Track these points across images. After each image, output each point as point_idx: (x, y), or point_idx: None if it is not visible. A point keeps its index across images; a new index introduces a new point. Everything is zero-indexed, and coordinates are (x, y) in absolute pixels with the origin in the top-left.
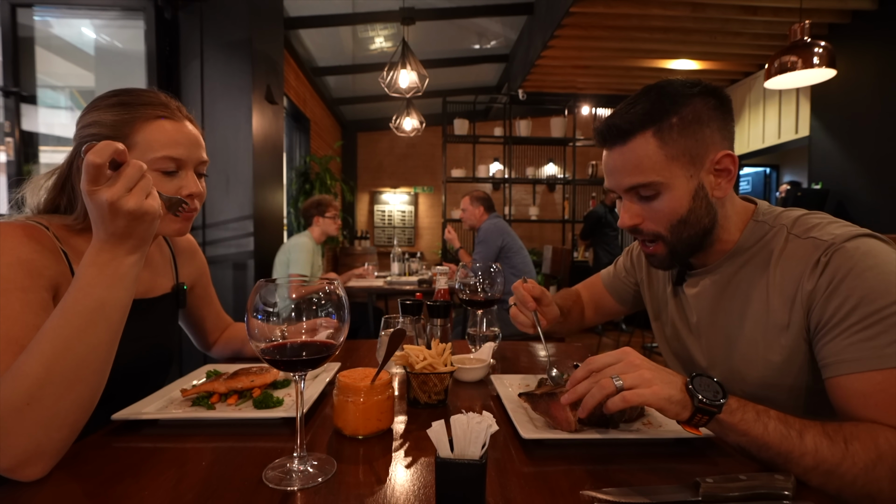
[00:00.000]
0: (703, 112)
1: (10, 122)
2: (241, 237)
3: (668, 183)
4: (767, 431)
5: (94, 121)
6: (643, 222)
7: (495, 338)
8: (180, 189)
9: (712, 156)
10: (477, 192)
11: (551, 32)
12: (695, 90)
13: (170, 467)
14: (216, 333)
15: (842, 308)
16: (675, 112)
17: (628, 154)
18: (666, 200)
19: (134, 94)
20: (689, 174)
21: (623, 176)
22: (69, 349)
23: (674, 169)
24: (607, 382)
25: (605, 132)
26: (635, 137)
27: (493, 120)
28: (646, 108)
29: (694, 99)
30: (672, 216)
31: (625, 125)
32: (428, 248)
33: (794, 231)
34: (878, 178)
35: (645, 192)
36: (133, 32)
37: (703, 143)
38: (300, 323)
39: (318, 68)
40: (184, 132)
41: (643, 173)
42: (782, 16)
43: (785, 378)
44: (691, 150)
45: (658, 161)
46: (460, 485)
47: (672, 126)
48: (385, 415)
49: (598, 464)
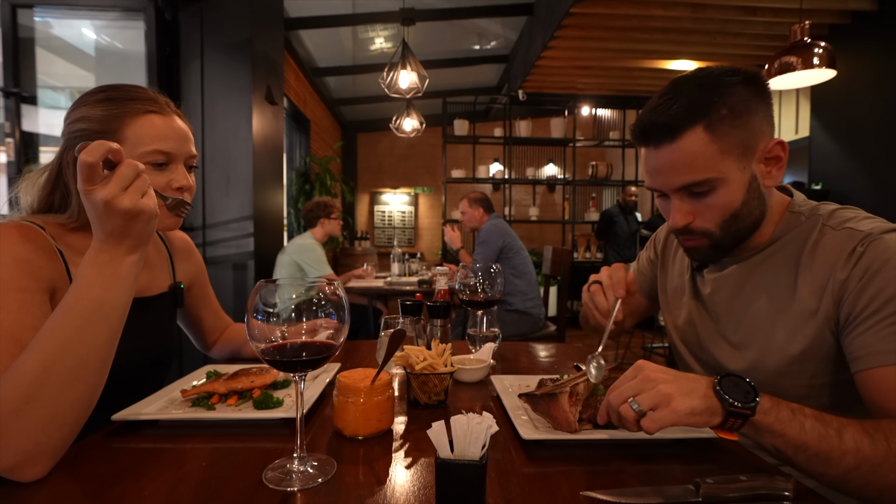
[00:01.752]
0: (749, 99)
1: (11, 123)
2: (242, 238)
3: (724, 178)
4: (805, 430)
5: (83, 116)
6: (694, 220)
7: (495, 338)
8: (171, 182)
9: (763, 144)
10: (475, 194)
11: (551, 33)
12: (737, 78)
13: (170, 468)
14: (216, 334)
15: (876, 299)
16: (722, 102)
17: (678, 152)
18: (720, 195)
19: (122, 89)
20: (742, 166)
21: (673, 175)
22: (68, 349)
23: (728, 162)
24: (626, 411)
25: (650, 131)
26: (684, 134)
27: (493, 120)
28: (691, 102)
29: (738, 87)
30: (725, 211)
31: (672, 122)
32: (428, 249)
33: (829, 223)
34: (878, 178)
35: (698, 188)
36: (133, 33)
37: (753, 132)
38: (300, 323)
39: (319, 69)
40: (173, 126)
41: (697, 171)
42: (782, 16)
43: (803, 370)
44: (743, 141)
45: (711, 156)
46: (460, 485)
47: (723, 118)
48: (385, 415)
49: (598, 464)
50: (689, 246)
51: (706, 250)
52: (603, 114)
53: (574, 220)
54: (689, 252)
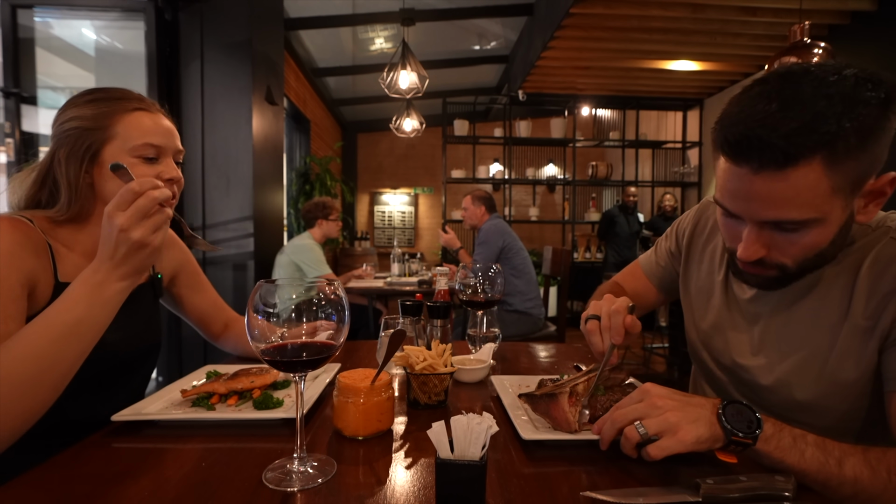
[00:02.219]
0: (879, 124)
1: (11, 123)
2: (242, 238)
3: (825, 218)
4: (804, 459)
5: (75, 115)
6: (769, 253)
7: (495, 339)
8: (160, 174)
9: (874, 179)
10: (479, 192)
11: (551, 33)
12: (881, 94)
13: (170, 468)
14: (218, 323)
15: None
16: (854, 129)
17: (783, 185)
18: (812, 235)
19: (109, 90)
20: (846, 204)
21: (767, 208)
22: (37, 358)
23: (834, 202)
24: (632, 433)
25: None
26: (798, 165)
27: (493, 121)
28: (815, 120)
29: (875, 108)
30: (811, 250)
31: (789, 146)
32: (428, 249)
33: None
34: None
35: (789, 226)
36: (133, 33)
37: (871, 164)
38: (300, 324)
39: (319, 69)
40: (160, 123)
41: (798, 209)
42: (782, 17)
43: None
44: (860, 177)
45: (821, 195)
46: (460, 486)
47: (850, 149)
48: (385, 416)
49: (598, 465)
50: (752, 273)
51: (771, 281)
52: (603, 114)
53: (574, 220)
54: (746, 277)
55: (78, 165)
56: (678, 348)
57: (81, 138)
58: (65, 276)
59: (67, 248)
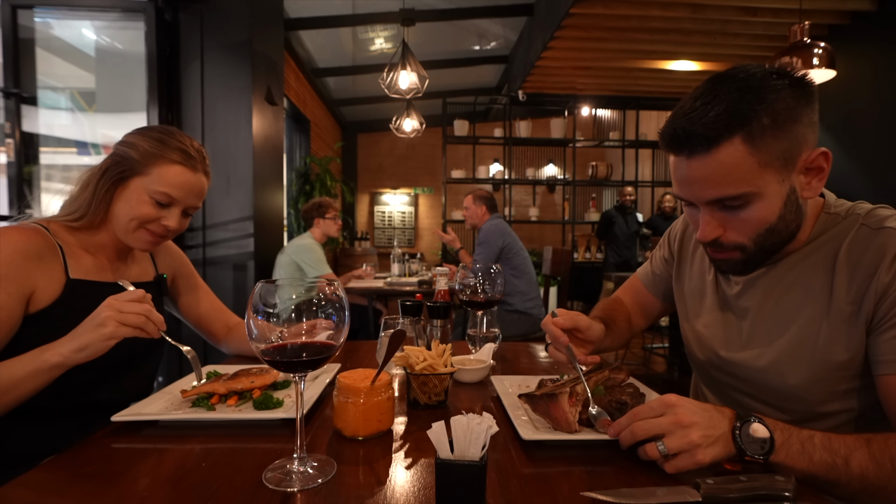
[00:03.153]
0: (793, 106)
1: (11, 124)
2: (242, 238)
3: (760, 191)
4: (813, 463)
5: (133, 142)
6: (725, 233)
7: (495, 339)
8: (161, 218)
9: (805, 154)
10: (480, 192)
11: (551, 33)
12: (785, 81)
13: (170, 468)
14: (219, 324)
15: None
16: (765, 111)
17: (713, 164)
18: (756, 210)
19: (174, 136)
20: (781, 178)
21: (706, 188)
22: None
23: (766, 176)
24: (653, 451)
25: (683, 139)
26: (721, 145)
27: (493, 121)
28: (729, 108)
29: (784, 91)
30: (760, 225)
31: (708, 131)
32: (428, 249)
33: (867, 222)
34: (877, 179)
35: (732, 202)
36: (133, 34)
37: (796, 141)
38: (300, 324)
39: (319, 69)
40: (191, 182)
41: (732, 185)
42: (782, 17)
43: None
44: (785, 153)
45: (749, 170)
46: (460, 486)
47: (764, 128)
48: (385, 416)
49: (598, 465)
50: (719, 258)
51: (737, 264)
52: (603, 114)
53: (574, 220)
54: (718, 264)
55: (108, 180)
56: (678, 348)
57: (123, 163)
58: (75, 272)
59: (78, 249)
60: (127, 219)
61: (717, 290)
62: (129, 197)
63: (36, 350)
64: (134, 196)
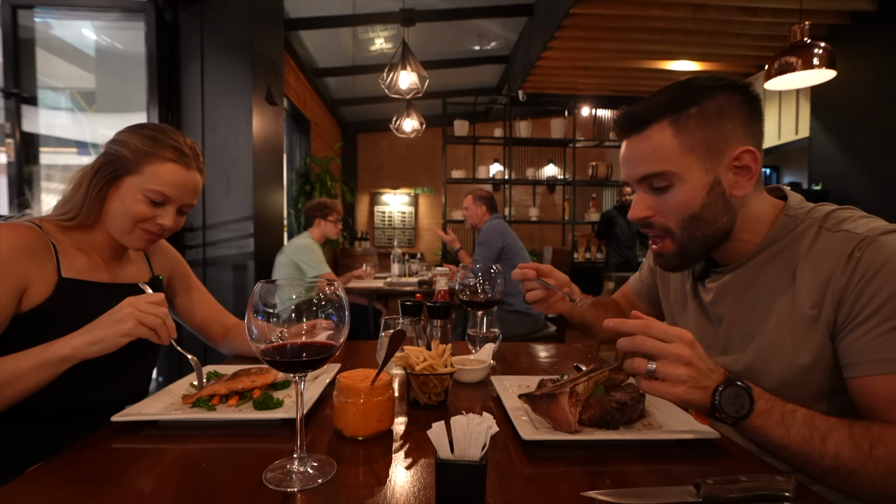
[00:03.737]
0: (725, 105)
1: (11, 124)
2: (242, 238)
3: (682, 174)
4: (788, 434)
5: (125, 140)
6: (654, 215)
7: (495, 339)
8: (156, 217)
9: (732, 151)
10: (480, 192)
11: (551, 34)
12: (719, 83)
13: (170, 468)
14: (216, 325)
15: (871, 303)
16: (695, 103)
17: (643, 143)
18: (678, 193)
19: (166, 133)
20: (706, 167)
21: (636, 165)
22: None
23: (689, 160)
24: (641, 365)
25: (624, 121)
26: (651, 126)
27: (493, 121)
28: (666, 98)
29: (718, 92)
30: (684, 210)
31: (643, 113)
32: (428, 249)
33: (825, 225)
34: (878, 178)
35: (657, 182)
36: (133, 34)
37: (722, 136)
38: (300, 324)
39: (319, 69)
40: (185, 180)
41: (656, 162)
42: (782, 17)
43: (810, 380)
44: (709, 143)
45: (672, 150)
46: (460, 486)
47: (690, 116)
48: (385, 416)
49: (598, 465)
50: (656, 251)
51: (672, 256)
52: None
53: (574, 220)
54: (656, 258)
55: (101, 178)
56: None
57: (116, 161)
58: (68, 271)
59: (71, 247)
60: (121, 218)
61: (695, 298)
62: (123, 196)
63: (43, 345)
64: (128, 195)
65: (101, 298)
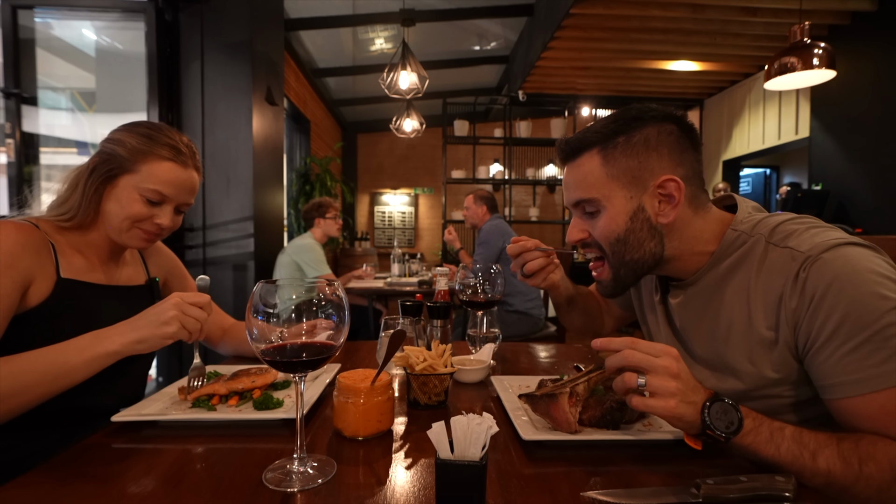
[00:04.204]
0: (652, 136)
1: (11, 124)
2: (242, 238)
3: (606, 201)
4: (779, 453)
5: (120, 139)
6: (588, 237)
7: (495, 339)
8: (153, 217)
9: (656, 180)
10: (481, 192)
11: (551, 34)
12: (651, 114)
13: (169, 469)
14: (213, 327)
15: (826, 326)
16: (622, 133)
17: (576, 170)
18: (604, 218)
19: (162, 131)
20: (630, 195)
21: (571, 191)
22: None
23: (614, 188)
24: (632, 380)
25: (560, 149)
26: (583, 155)
27: (494, 121)
28: (597, 129)
29: (647, 123)
30: (609, 234)
31: (575, 143)
32: (428, 250)
33: (771, 240)
34: (878, 178)
35: (588, 207)
36: (134, 34)
37: (647, 166)
38: (300, 324)
39: (319, 69)
40: (182, 178)
41: (585, 189)
42: (782, 17)
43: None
44: (633, 171)
45: (599, 178)
46: (460, 486)
47: (616, 145)
48: (385, 416)
49: (598, 465)
50: (595, 277)
51: (608, 283)
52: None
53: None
54: (598, 285)
55: (97, 178)
56: None
57: (111, 161)
58: (66, 271)
59: (70, 248)
60: (119, 218)
61: (663, 311)
62: (119, 196)
63: (86, 337)
64: (124, 195)
65: (98, 300)
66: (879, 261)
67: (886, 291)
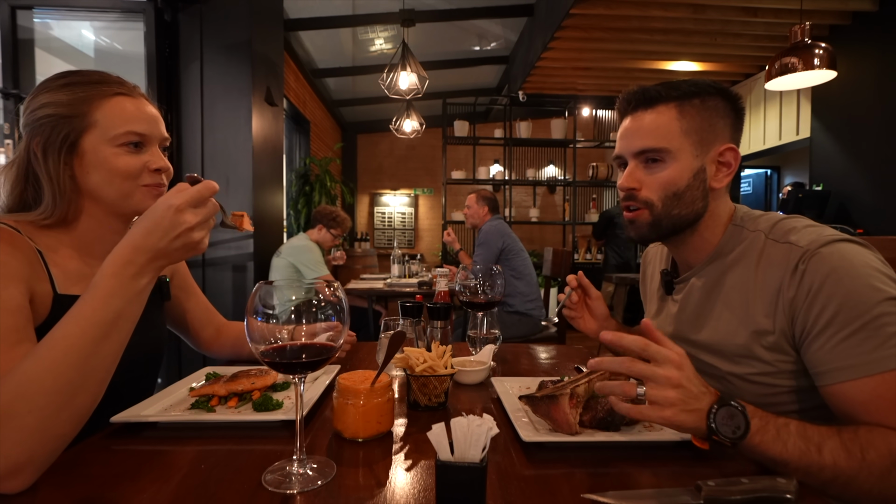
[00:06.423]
0: (721, 106)
1: (10, 124)
2: (241, 239)
3: (676, 154)
4: (787, 449)
5: (48, 101)
6: (641, 189)
7: (495, 340)
8: (148, 163)
9: (719, 146)
10: (484, 192)
11: (551, 34)
12: (718, 87)
13: (169, 470)
14: (209, 329)
15: (823, 315)
16: (698, 95)
17: (648, 118)
18: (669, 170)
19: (85, 73)
20: (696, 153)
21: (637, 139)
22: (80, 360)
23: (685, 143)
24: (631, 389)
25: (634, 96)
26: (659, 105)
27: (494, 121)
28: (675, 85)
29: (717, 94)
30: (670, 186)
31: (654, 93)
32: (428, 250)
33: (771, 236)
34: (879, 179)
35: (654, 156)
36: (133, 34)
37: (714, 130)
38: (300, 325)
39: (318, 70)
40: (143, 109)
41: (657, 138)
42: (783, 17)
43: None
44: (703, 132)
45: (673, 130)
46: (461, 488)
47: (693, 104)
48: (385, 417)
49: (599, 467)
50: (629, 217)
51: (644, 225)
52: (603, 115)
53: (574, 221)
54: (629, 225)
55: (56, 157)
56: None
57: (57, 127)
58: (63, 286)
59: (55, 252)
60: (114, 185)
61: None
62: (94, 160)
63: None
64: (99, 156)
65: None
66: (872, 256)
67: (880, 284)
